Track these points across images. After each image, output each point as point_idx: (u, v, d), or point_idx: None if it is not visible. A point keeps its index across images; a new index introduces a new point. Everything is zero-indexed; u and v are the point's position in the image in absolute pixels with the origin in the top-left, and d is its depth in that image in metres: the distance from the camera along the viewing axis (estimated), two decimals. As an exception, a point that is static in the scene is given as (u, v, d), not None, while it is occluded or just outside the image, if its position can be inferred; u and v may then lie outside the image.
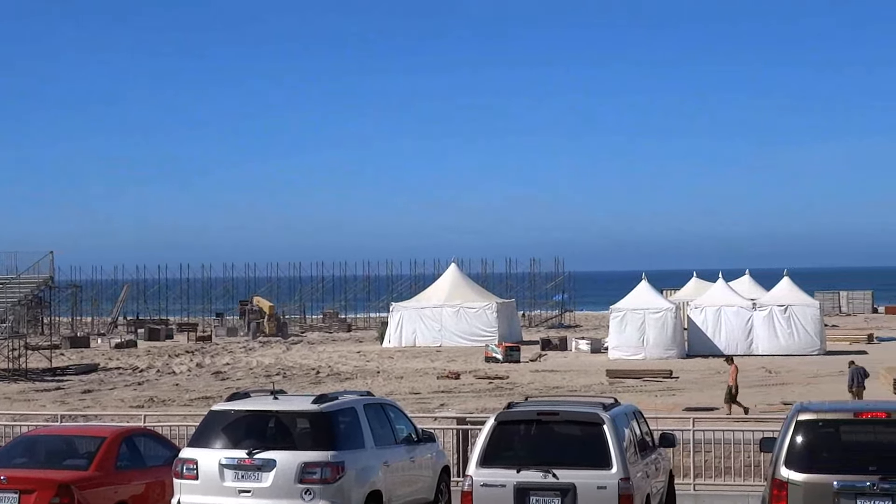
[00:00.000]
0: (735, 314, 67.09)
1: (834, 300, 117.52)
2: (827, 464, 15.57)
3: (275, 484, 17.04)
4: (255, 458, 17.18)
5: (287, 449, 17.26)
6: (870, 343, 73.95)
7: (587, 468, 16.82)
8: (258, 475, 17.14)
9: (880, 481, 15.19)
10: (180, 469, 17.60)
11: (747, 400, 44.46)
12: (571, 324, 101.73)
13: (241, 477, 17.22)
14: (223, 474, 17.28)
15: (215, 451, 17.47)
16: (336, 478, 17.03)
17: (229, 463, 17.29)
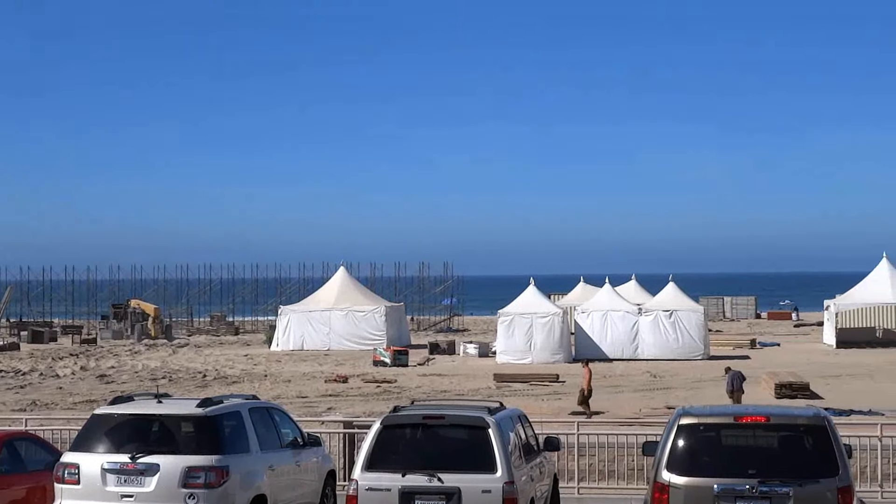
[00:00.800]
0: (621, 319, 67.76)
1: (718, 305, 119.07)
2: (708, 467, 15.80)
3: (158, 488, 16.88)
4: (138, 463, 17.00)
5: (171, 453, 17.10)
6: (752, 348, 75.11)
7: (472, 472, 16.89)
8: (141, 479, 16.96)
9: (759, 484, 15.45)
10: (62, 474, 17.34)
11: (633, 404, 44.98)
12: (460, 328, 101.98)
13: (123, 481, 17.02)
14: (105, 479, 17.07)
15: (98, 455, 17.26)
16: (220, 482, 16.92)
17: (112, 467, 17.08)
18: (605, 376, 57.02)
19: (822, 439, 15.78)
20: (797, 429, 16.11)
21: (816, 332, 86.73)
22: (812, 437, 15.89)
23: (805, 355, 68.24)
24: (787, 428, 16.22)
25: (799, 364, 60.70)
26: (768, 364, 60.58)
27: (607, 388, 51.53)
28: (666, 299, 69.88)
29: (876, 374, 56.53)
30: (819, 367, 59.39)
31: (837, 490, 15.47)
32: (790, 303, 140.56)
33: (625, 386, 52.61)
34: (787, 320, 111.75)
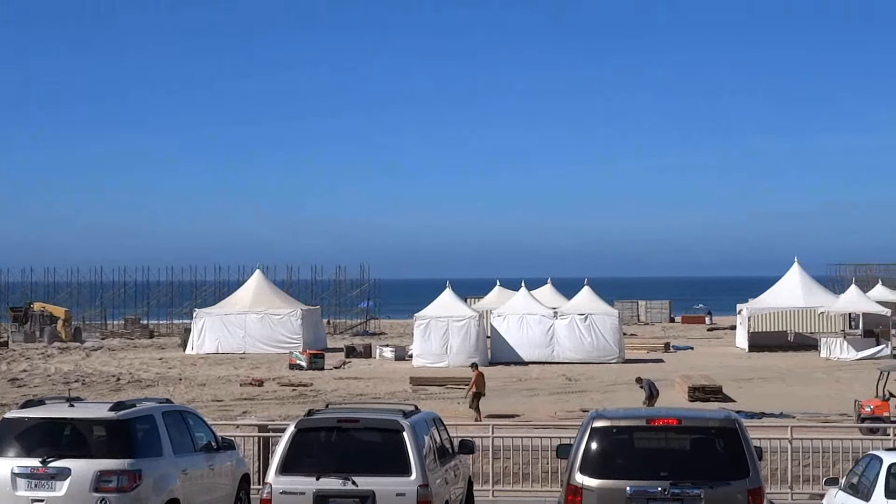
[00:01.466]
0: (537, 322, 68.06)
1: (633, 309, 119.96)
2: (620, 470, 15.95)
3: (69, 493, 16.72)
4: (49, 467, 16.83)
5: (83, 457, 16.94)
6: (666, 351, 75.74)
7: (387, 475, 16.92)
8: (52, 484, 16.79)
9: (671, 486, 15.62)
10: (-30, 479, 17.12)
11: (548, 407, 45.24)
12: (376, 331, 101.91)
13: (34, 486, 16.84)
14: (15, 483, 16.88)
15: (8, 459, 17.06)
16: (133, 486, 16.80)
17: (22, 472, 16.89)
18: (521, 379, 57.31)
19: (732, 442, 15.99)
20: (708, 431, 16.32)
21: (729, 335, 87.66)
22: (723, 440, 16.09)
23: (718, 359, 68.97)
24: (698, 430, 16.43)
25: (712, 367, 61.34)
26: (682, 367, 61.16)
27: (523, 392, 51.78)
28: (581, 303, 70.29)
29: (787, 377, 57.30)
30: (732, 371, 60.06)
31: (748, 492, 15.69)
32: (704, 307, 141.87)
33: (540, 389, 52.88)
34: (700, 324, 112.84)
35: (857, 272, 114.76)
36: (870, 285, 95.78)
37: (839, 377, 56.45)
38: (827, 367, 62.94)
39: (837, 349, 68.31)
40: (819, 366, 63.51)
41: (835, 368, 61.58)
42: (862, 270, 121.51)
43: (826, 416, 41.71)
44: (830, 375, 57.64)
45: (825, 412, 42.84)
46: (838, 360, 66.67)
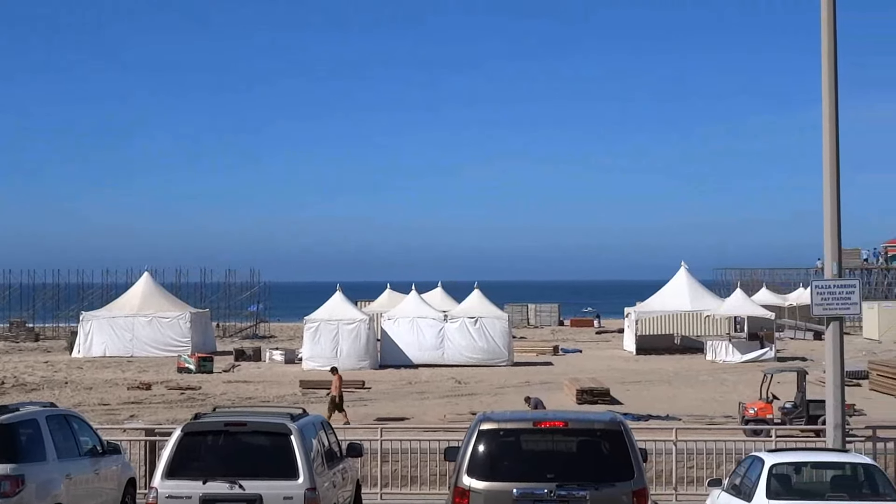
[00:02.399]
0: (427, 325, 68.17)
1: (522, 313, 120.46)
2: (507, 472, 16.06)
3: (-50, 498, 16.46)
4: (-70, 473, 16.54)
5: (-36, 463, 16.67)
6: (555, 354, 76.27)
7: (274, 479, 16.88)
8: (-69, 490, 16.51)
9: (557, 488, 15.75)
10: None
11: (438, 410, 45.32)
12: (266, 334, 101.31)
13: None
14: None
15: None
16: (15, 491, 16.57)
17: None
18: (411, 382, 57.34)
19: (618, 444, 16.17)
20: (594, 433, 16.49)
21: (618, 338, 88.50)
22: (608, 442, 16.27)
23: (606, 361, 69.63)
24: (584, 433, 16.59)
25: (600, 370, 61.92)
26: (570, 370, 61.62)
27: (413, 395, 51.83)
28: (471, 306, 70.54)
29: (674, 379, 57.99)
30: (620, 373, 60.66)
31: (632, 493, 15.88)
32: (592, 310, 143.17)
33: (430, 392, 52.97)
34: (589, 327, 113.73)
35: (741, 276, 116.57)
36: (754, 289, 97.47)
37: (724, 380, 57.28)
38: (712, 369, 63.83)
39: (723, 352, 69.32)
40: (705, 368, 64.39)
41: (720, 371, 62.47)
42: (747, 274, 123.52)
43: (711, 418, 42.30)
44: (716, 378, 58.46)
45: (710, 414, 43.45)
46: (723, 362, 67.64)
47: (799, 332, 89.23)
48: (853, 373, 55.27)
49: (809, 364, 56.91)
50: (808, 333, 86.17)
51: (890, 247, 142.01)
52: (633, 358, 72.78)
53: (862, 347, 76.59)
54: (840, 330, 22.64)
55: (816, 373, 47.91)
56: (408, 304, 71.42)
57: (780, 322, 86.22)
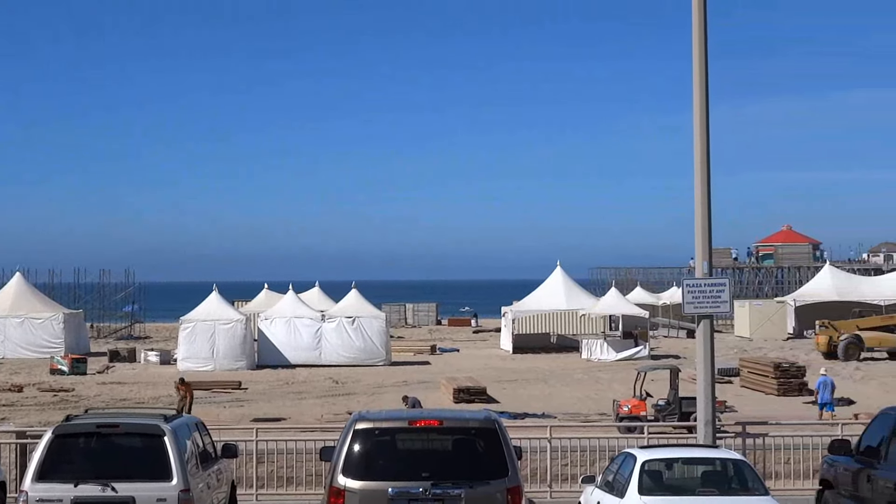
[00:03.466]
0: (305, 325, 67.90)
1: (400, 312, 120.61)
2: (382, 471, 16.09)
3: None
4: None
5: None
6: (433, 354, 76.46)
7: (147, 480, 16.73)
8: None
9: (432, 487, 15.82)
10: None
11: (315, 410, 45.20)
12: (141, 335, 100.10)
13: None
14: None
15: None
16: None
17: None
18: (289, 383, 57.10)
19: (492, 442, 16.29)
20: (469, 432, 16.59)
21: (495, 337, 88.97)
22: (483, 440, 16.38)
23: (483, 360, 69.98)
24: (459, 431, 16.69)
25: (477, 369, 62.21)
26: (448, 369, 61.82)
27: (290, 395, 51.61)
28: (349, 306, 70.42)
29: (550, 378, 58.46)
30: (496, 372, 61.00)
31: (507, 490, 16.00)
32: (469, 309, 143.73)
33: (308, 392, 52.79)
34: (466, 326, 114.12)
35: (616, 275, 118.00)
36: (629, 288, 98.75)
37: (599, 378, 57.90)
38: (588, 367, 64.49)
39: (598, 350, 70.09)
40: (580, 367, 65.02)
41: (595, 369, 63.13)
42: (621, 274, 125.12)
43: (586, 415, 42.75)
44: (591, 376, 59.08)
45: (585, 412, 43.90)
46: (598, 361, 68.39)
47: (672, 331, 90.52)
48: (725, 370, 56.27)
49: (682, 362, 57.77)
50: (682, 332, 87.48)
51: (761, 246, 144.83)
52: (510, 357, 73.22)
53: (734, 345, 77.94)
54: (711, 328, 23.04)
55: (689, 370, 48.61)
56: (285, 304, 71.09)
57: (654, 320, 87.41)
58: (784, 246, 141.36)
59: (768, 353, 65.96)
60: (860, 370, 60.03)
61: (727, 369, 56.89)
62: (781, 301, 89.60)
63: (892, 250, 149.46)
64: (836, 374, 57.75)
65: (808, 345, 73.79)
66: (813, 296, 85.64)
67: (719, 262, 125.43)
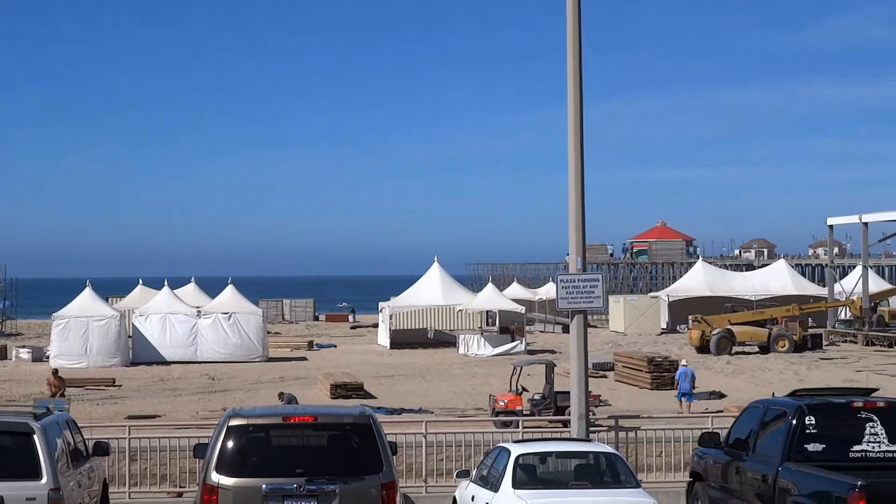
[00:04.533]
0: (180, 321, 67.23)
1: (277, 308, 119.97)
2: (257, 468, 16.04)
3: None
4: None
5: None
6: (310, 349, 76.18)
7: (16, 479, 16.46)
8: None
9: (307, 483, 15.81)
10: None
11: (190, 407, 44.83)
12: (13, 332, 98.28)
13: None
14: None
15: None
16: None
17: None
18: (164, 379, 56.54)
19: (367, 437, 16.33)
20: (343, 427, 16.61)
21: (372, 333, 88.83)
22: (358, 436, 16.41)
23: (361, 356, 69.89)
24: (334, 427, 16.69)
25: (355, 365, 62.13)
26: (325, 365, 61.69)
27: (165, 392, 51.10)
28: (225, 301, 69.90)
29: (427, 373, 58.61)
30: (374, 368, 60.98)
31: (381, 486, 16.06)
32: (347, 305, 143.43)
33: (183, 389, 52.28)
34: (344, 322, 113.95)
35: (493, 271, 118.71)
36: (506, 284, 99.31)
37: (476, 373, 58.16)
38: (465, 363, 64.75)
39: (474, 346, 70.41)
40: (457, 362, 65.27)
41: (472, 364, 63.41)
42: (498, 269, 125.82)
43: (463, 410, 42.94)
44: (468, 371, 59.32)
45: (462, 407, 44.10)
46: (475, 356, 68.68)
47: (549, 326, 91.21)
48: (599, 364, 56.92)
49: (558, 356, 58.26)
50: (558, 327, 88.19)
51: (636, 242, 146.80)
52: (388, 352, 73.24)
53: (608, 340, 78.87)
54: (584, 323, 23.27)
55: (565, 365, 48.99)
56: (160, 300, 70.35)
57: (531, 316, 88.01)
58: (658, 242, 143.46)
59: (642, 348, 66.80)
60: (731, 364, 61.14)
61: (602, 364, 57.54)
62: (655, 296, 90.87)
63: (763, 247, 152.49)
64: (708, 367, 58.91)
65: (681, 339, 74.96)
66: (686, 291, 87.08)
67: (595, 258, 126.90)
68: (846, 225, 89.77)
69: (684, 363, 44.87)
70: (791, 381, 49.59)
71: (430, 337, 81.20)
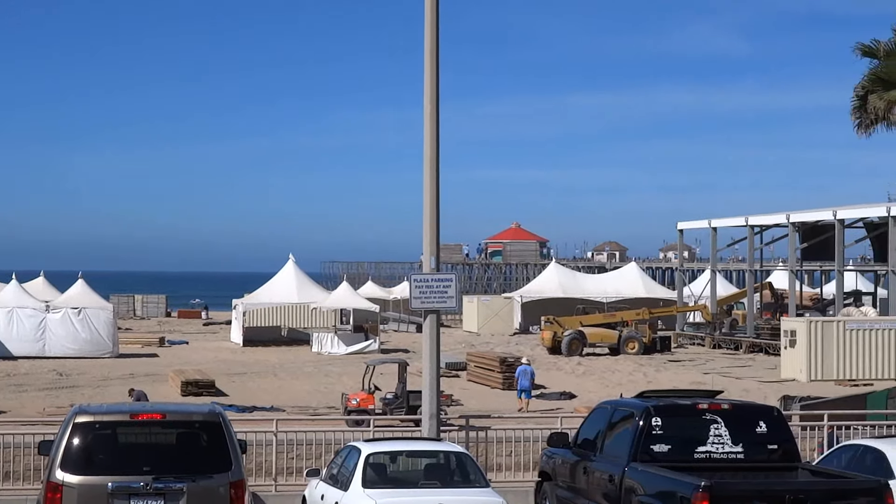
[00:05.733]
0: (27, 316, 65.87)
1: (129, 304, 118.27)
2: (103, 466, 15.85)
3: None
4: None
5: None
6: (162, 346, 75.32)
7: None
8: None
9: (154, 481, 15.68)
10: None
11: (37, 403, 44.11)
12: None
13: None
14: None
15: None
16: None
17: None
18: (10, 374, 55.49)
19: (216, 435, 16.24)
20: (192, 425, 16.49)
21: (226, 330, 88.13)
22: (207, 434, 16.32)
23: (213, 353, 69.32)
24: (182, 425, 16.57)
25: (207, 362, 61.62)
26: (176, 362, 61.05)
27: (11, 387, 50.10)
28: (75, 296, 68.67)
29: (280, 371, 58.32)
30: (226, 365, 60.52)
31: (230, 484, 15.99)
32: (200, 301, 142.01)
33: (30, 385, 51.27)
34: (197, 319, 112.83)
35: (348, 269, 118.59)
36: (361, 282, 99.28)
37: (329, 371, 58.04)
38: (318, 361, 64.59)
39: (328, 344, 70.29)
40: (310, 360, 65.08)
41: (325, 363, 63.28)
42: (353, 268, 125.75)
43: (315, 409, 42.87)
44: (321, 369, 59.18)
45: (314, 405, 44.03)
46: (329, 354, 68.57)
47: (403, 325, 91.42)
48: (452, 364, 57.24)
49: (411, 356, 58.38)
50: (412, 326, 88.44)
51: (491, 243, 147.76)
52: (241, 349, 72.73)
53: (462, 339, 79.31)
54: (437, 322, 23.36)
55: (418, 364, 49.14)
56: (6, 294, 68.80)
57: (385, 314, 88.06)
58: (512, 243, 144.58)
59: (495, 348, 67.32)
60: (582, 365, 61.93)
61: (454, 363, 57.86)
62: (509, 297, 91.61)
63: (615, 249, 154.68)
64: (559, 368, 59.66)
65: (534, 340, 75.70)
66: (539, 292, 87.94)
67: (450, 258, 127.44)
68: (696, 229, 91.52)
69: (524, 361, 45.93)
70: (640, 383, 50.48)
71: (283, 335, 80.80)
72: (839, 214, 69.41)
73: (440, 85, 23.13)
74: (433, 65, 23.03)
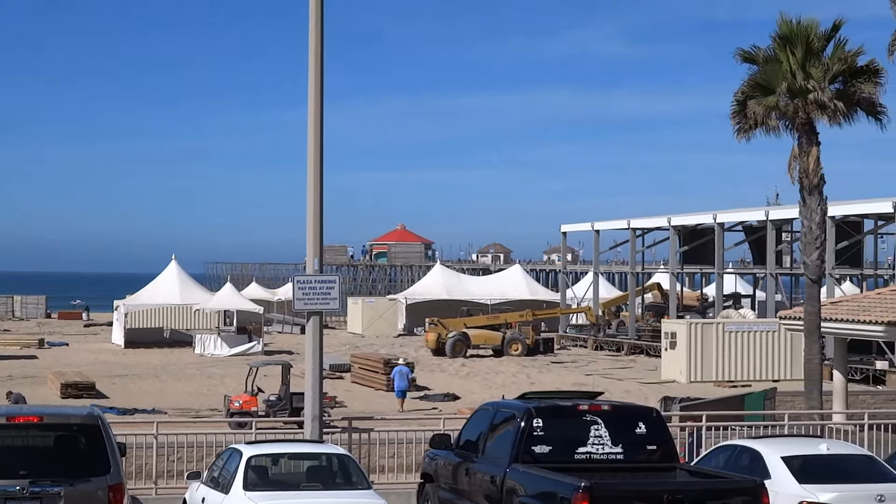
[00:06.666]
0: None
1: (7, 304, 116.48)
2: None
3: None
4: None
5: None
6: (41, 347, 74.21)
7: None
8: None
9: (30, 485, 15.49)
10: None
11: None
12: None
13: None
14: None
15: None
16: None
17: None
18: None
19: (94, 438, 16.08)
20: (70, 428, 16.31)
21: (107, 331, 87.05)
22: (85, 437, 16.15)
23: (94, 355, 68.46)
24: (60, 427, 16.38)
25: (87, 364, 60.85)
26: (56, 364, 60.20)
27: None
28: (-49, 297, 67.51)
29: (162, 373, 57.81)
30: (107, 367, 59.83)
31: (108, 488, 15.83)
32: (81, 302, 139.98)
33: None
34: (78, 320, 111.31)
35: (232, 271, 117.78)
36: (245, 283, 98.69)
37: (212, 373, 57.67)
38: (200, 363, 64.13)
39: (211, 345, 69.82)
40: (193, 362, 64.59)
41: (208, 364, 62.85)
42: (237, 269, 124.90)
43: (197, 411, 42.55)
44: (203, 371, 58.76)
45: (197, 407, 43.69)
46: (212, 356, 68.12)
47: (287, 326, 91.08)
48: (337, 366, 57.17)
49: (295, 357, 58.14)
50: (296, 328, 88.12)
51: (376, 244, 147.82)
52: (122, 351, 71.95)
53: (346, 341, 79.22)
54: (320, 324, 23.32)
55: (301, 366, 49.04)
56: None
57: (269, 316, 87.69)
58: (397, 245, 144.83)
59: (379, 350, 67.33)
60: (466, 367, 62.18)
61: (339, 365, 57.80)
62: (393, 299, 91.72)
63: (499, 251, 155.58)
64: (443, 370, 59.85)
65: (418, 341, 75.85)
66: (423, 294, 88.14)
67: (335, 260, 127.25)
68: (579, 232, 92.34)
69: (401, 362, 46.35)
70: (523, 384, 50.84)
71: (166, 336, 79.98)
72: (719, 218, 70.60)
73: (325, 86, 23.12)
74: (318, 65, 23.00)
